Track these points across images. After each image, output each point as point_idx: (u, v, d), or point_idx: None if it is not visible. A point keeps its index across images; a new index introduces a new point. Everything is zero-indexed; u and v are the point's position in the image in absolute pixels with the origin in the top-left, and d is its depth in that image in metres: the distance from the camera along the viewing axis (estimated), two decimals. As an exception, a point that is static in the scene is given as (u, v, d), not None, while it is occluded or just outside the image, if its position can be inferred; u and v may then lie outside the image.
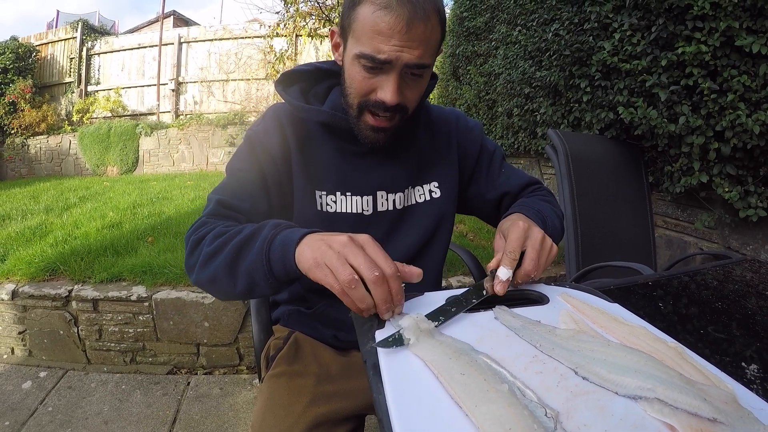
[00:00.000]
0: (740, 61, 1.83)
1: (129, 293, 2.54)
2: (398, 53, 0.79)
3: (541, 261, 0.76)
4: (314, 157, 0.98)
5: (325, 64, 1.06)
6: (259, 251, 0.71)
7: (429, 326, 0.58)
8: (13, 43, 9.71)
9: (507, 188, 1.11)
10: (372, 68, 0.82)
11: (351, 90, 0.88)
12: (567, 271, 2.11)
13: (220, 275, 0.76)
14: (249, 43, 9.53)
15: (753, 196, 1.91)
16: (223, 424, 2.07)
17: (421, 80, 0.88)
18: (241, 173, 0.95)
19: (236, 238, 0.76)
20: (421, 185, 1.07)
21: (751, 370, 0.59)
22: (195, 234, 0.83)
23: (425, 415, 0.45)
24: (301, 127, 0.99)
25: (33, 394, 2.30)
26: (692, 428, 0.41)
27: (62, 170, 9.35)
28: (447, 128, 1.11)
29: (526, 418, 0.41)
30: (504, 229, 0.80)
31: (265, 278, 0.72)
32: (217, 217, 0.88)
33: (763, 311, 0.78)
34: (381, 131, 0.90)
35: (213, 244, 0.77)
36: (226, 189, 0.93)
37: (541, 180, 3.69)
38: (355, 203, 0.99)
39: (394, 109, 0.86)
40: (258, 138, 0.97)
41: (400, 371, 0.52)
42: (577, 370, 0.51)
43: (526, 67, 3.20)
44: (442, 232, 1.09)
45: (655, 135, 2.17)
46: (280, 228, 0.74)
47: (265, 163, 0.95)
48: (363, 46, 0.81)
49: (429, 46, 0.82)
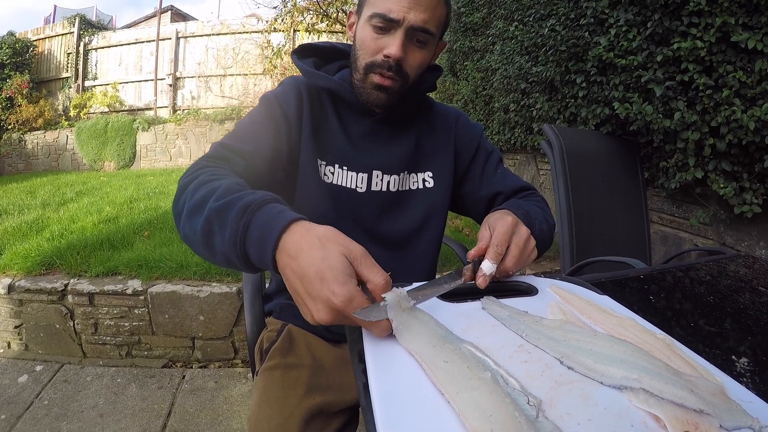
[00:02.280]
0: (736, 56, 1.83)
1: (125, 287, 2.54)
2: (406, 13, 0.88)
3: (521, 260, 0.76)
4: (322, 127, 1.02)
5: (341, 45, 1.13)
6: (232, 243, 0.65)
7: (408, 304, 0.58)
8: (10, 39, 9.68)
9: (501, 188, 1.11)
10: (381, 28, 0.91)
11: (360, 52, 0.96)
12: (561, 266, 2.11)
13: (198, 244, 0.72)
14: (247, 38, 9.50)
15: (748, 192, 1.91)
16: (217, 417, 2.07)
17: (424, 49, 0.95)
18: (251, 124, 0.96)
19: (209, 203, 0.69)
20: (416, 173, 1.09)
21: (741, 363, 0.59)
22: (184, 177, 0.80)
23: (407, 402, 0.45)
24: (314, 96, 1.03)
25: (29, 388, 2.30)
26: (678, 419, 0.41)
27: (59, 165, 9.32)
28: (447, 123, 1.14)
29: (507, 405, 0.41)
30: (491, 221, 0.80)
31: (245, 268, 0.68)
32: (212, 159, 0.86)
33: (755, 306, 0.79)
34: (384, 90, 0.95)
35: (194, 197, 0.73)
36: (230, 135, 0.94)
37: (537, 173, 3.70)
38: (351, 178, 1.02)
39: (398, 68, 0.92)
40: (276, 97, 1.00)
41: (383, 359, 0.52)
42: (563, 360, 0.51)
43: (523, 63, 3.19)
44: (433, 224, 1.10)
45: (651, 131, 2.17)
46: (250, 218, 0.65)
47: (280, 120, 0.97)
48: (376, 7, 0.90)
49: (434, 16, 0.91)
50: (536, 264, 3.14)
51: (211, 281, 2.60)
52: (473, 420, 0.40)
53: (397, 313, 0.56)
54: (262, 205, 0.65)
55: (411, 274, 1.07)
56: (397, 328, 0.55)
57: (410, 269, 1.08)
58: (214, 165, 0.83)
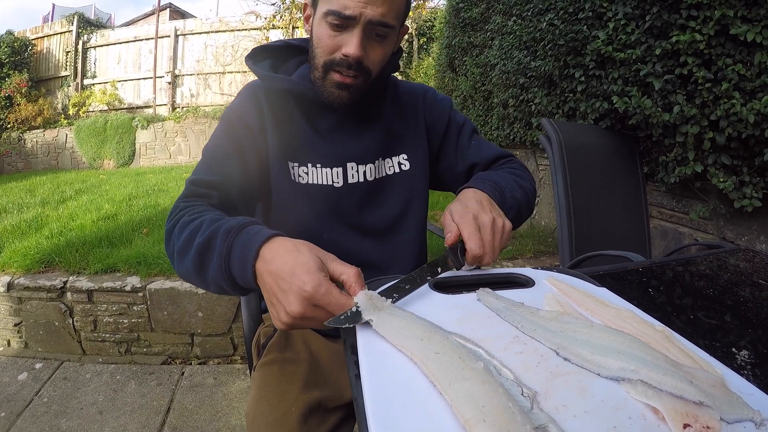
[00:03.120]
0: (735, 49, 1.82)
1: (123, 284, 2.54)
2: (362, 9, 0.83)
3: (495, 244, 0.77)
4: (287, 129, 0.99)
5: (296, 41, 1.09)
6: (219, 268, 0.69)
7: (384, 303, 0.58)
8: (9, 37, 9.66)
9: (476, 159, 1.10)
10: (338, 25, 0.86)
11: (318, 50, 0.91)
12: (561, 261, 2.10)
13: (193, 277, 0.76)
14: (245, 36, 9.47)
15: (748, 186, 1.90)
16: (216, 413, 2.07)
17: (384, 42, 0.91)
18: (216, 149, 0.95)
19: (196, 239, 0.73)
20: (390, 157, 1.07)
21: (741, 356, 0.58)
22: (168, 222, 0.84)
23: (399, 393, 0.44)
24: (275, 99, 1.00)
25: (29, 386, 2.30)
26: (677, 411, 0.41)
27: (59, 164, 9.31)
28: (414, 102, 1.12)
29: (500, 395, 0.41)
30: (453, 209, 0.81)
31: (234, 291, 0.73)
32: (189, 198, 0.87)
33: (756, 299, 0.78)
34: (345, 88, 0.92)
35: (180, 238, 0.76)
36: (199, 168, 0.92)
37: (536, 169, 3.69)
38: (326, 175, 1.00)
39: (358, 66, 0.89)
40: (234, 112, 0.98)
41: (376, 351, 0.52)
42: (559, 351, 0.50)
43: (521, 58, 3.18)
44: (415, 206, 1.09)
45: (650, 125, 2.16)
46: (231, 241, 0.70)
47: (242, 134, 0.96)
48: (331, 4, 0.84)
49: (393, 8, 0.86)
50: (536, 259, 3.13)
51: (210, 278, 2.59)
52: (465, 411, 0.40)
53: (373, 314, 0.56)
54: (242, 229, 0.70)
55: (402, 260, 1.07)
56: (377, 327, 0.55)
57: (400, 255, 1.07)
58: (192, 204, 0.84)
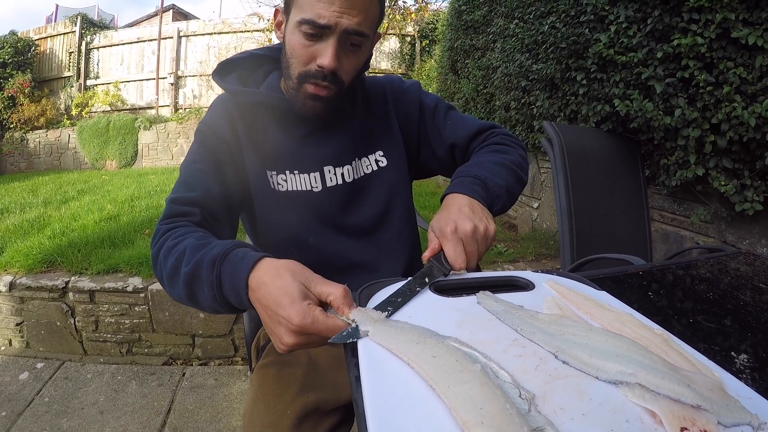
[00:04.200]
0: (736, 53, 1.82)
1: (125, 284, 2.55)
2: (338, 18, 0.82)
3: (480, 251, 0.78)
4: (261, 139, 0.99)
5: (261, 50, 1.08)
6: (213, 298, 0.69)
7: (380, 316, 0.58)
8: (12, 38, 9.69)
9: (454, 140, 1.09)
10: (312, 35, 0.85)
11: (292, 60, 0.90)
12: (561, 264, 2.10)
13: (186, 302, 0.76)
14: (248, 37, 9.50)
15: (749, 189, 1.90)
16: (217, 414, 2.07)
17: (359, 52, 0.91)
18: (193, 165, 0.94)
19: (182, 269, 0.73)
20: (367, 156, 1.06)
21: (740, 360, 0.58)
22: (153, 246, 0.83)
23: (398, 396, 0.45)
24: (246, 111, 1.00)
25: (30, 385, 2.30)
26: (674, 414, 0.41)
27: (61, 164, 9.34)
28: (382, 95, 1.11)
29: (498, 398, 0.41)
30: (434, 226, 0.81)
31: (231, 312, 0.73)
32: (170, 218, 0.85)
33: (756, 303, 0.78)
34: (319, 100, 0.91)
35: (167, 266, 0.76)
36: (178, 186, 0.92)
37: (538, 171, 3.69)
38: (304, 180, 1.00)
39: (332, 77, 0.88)
40: (207, 126, 0.98)
41: (376, 354, 0.52)
42: (557, 354, 0.51)
43: (523, 60, 3.19)
44: (398, 202, 1.08)
45: (651, 128, 2.16)
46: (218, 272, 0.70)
47: (218, 148, 0.96)
48: (305, 12, 0.83)
49: (368, 17, 0.86)
50: (537, 262, 3.13)
51: (212, 279, 2.60)
52: (464, 413, 0.40)
53: (369, 325, 0.56)
54: (225, 256, 0.69)
55: (391, 257, 1.07)
56: (373, 336, 0.55)
57: (389, 253, 1.07)
58: (174, 226, 0.83)
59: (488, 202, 0.88)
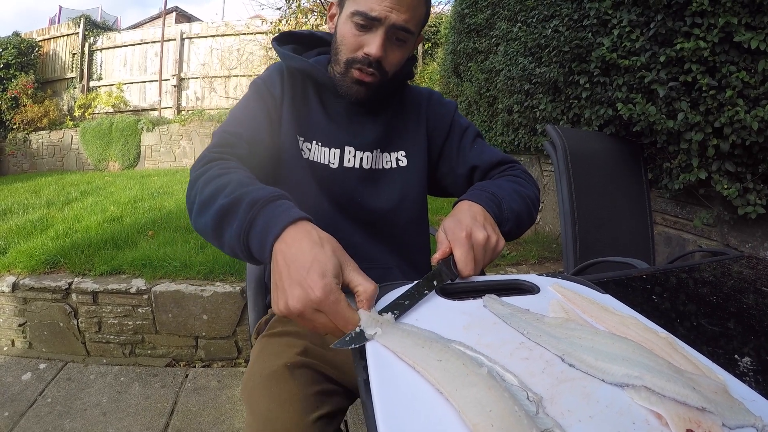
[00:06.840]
0: (739, 57, 1.83)
1: (128, 286, 2.55)
2: (388, 12, 0.90)
3: (486, 261, 0.78)
4: (302, 106, 1.07)
5: (320, 33, 1.17)
6: (237, 237, 0.70)
7: (388, 319, 0.58)
8: (16, 39, 9.70)
9: (476, 162, 1.11)
10: (363, 26, 0.93)
11: (341, 47, 0.98)
12: (564, 267, 2.11)
13: (209, 235, 0.77)
14: (251, 39, 9.50)
15: (752, 193, 1.90)
16: (220, 416, 2.07)
17: (403, 47, 0.98)
18: (245, 109, 1.02)
19: (219, 200, 0.73)
20: (389, 152, 1.10)
21: (744, 363, 0.58)
22: (195, 170, 0.86)
23: (408, 398, 0.45)
24: (294, 77, 1.08)
25: (32, 386, 2.31)
26: (680, 417, 0.41)
27: (64, 165, 9.34)
28: (419, 102, 1.16)
29: (506, 400, 0.41)
30: (446, 226, 0.81)
31: (247, 260, 0.73)
32: (219, 147, 0.91)
33: (759, 306, 0.78)
34: (363, 85, 0.98)
35: (204, 193, 0.78)
36: (228, 122, 0.99)
37: (541, 175, 3.69)
38: (324, 154, 1.05)
39: (377, 65, 0.95)
40: (263, 81, 1.06)
41: (384, 357, 0.52)
42: (564, 357, 0.51)
43: (526, 64, 3.19)
44: (409, 203, 1.10)
45: (654, 131, 2.16)
46: (256, 213, 0.69)
47: (269, 101, 1.03)
48: (359, 5, 0.92)
49: (414, 15, 0.94)
50: (540, 265, 3.14)
51: (215, 281, 2.61)
52: (473, 416, 0.40)
53: (375, 329, 0.56)
54: (269, 202, 0.70)
55: (393, 252, 1.09)
56: (379, 339, 0.55)
57: (391, 248, 1.09)
58: (221, 158, 0.87)
59: (498, 221, 0.88)
